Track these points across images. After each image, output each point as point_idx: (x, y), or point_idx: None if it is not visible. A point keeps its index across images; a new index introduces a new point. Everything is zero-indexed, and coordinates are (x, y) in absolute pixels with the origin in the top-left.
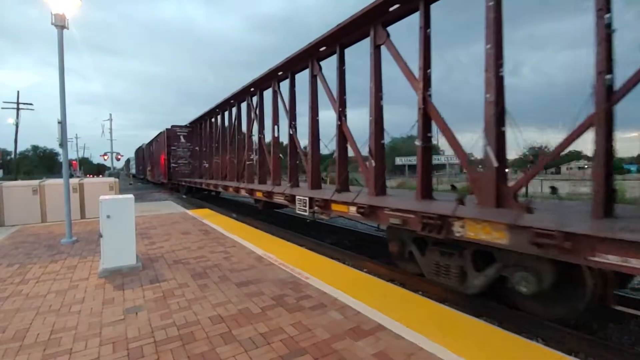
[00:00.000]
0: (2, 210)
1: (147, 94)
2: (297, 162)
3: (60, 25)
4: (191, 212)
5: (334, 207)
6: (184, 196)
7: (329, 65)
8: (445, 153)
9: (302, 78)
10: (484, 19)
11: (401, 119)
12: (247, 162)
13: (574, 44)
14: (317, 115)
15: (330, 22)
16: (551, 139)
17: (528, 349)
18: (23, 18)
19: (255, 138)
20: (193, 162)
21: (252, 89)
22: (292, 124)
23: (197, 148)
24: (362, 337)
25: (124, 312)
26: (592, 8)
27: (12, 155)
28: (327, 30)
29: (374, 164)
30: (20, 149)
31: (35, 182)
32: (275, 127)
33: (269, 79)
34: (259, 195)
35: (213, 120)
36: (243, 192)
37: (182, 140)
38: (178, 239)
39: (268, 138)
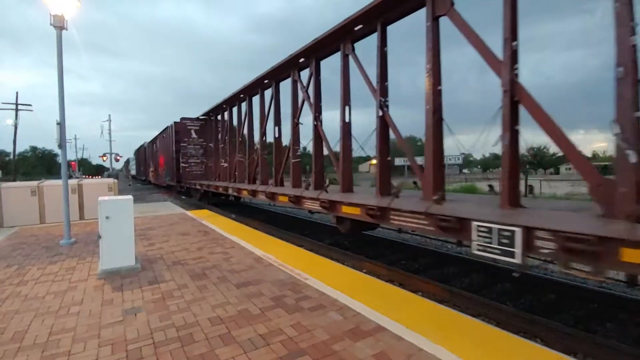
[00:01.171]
0: (1, 211)
1: (146, 95)
2: (388, 158)
3: (59, 26)
4: (190, 213)
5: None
6: (182, 197)
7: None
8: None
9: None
10: None
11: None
12: (293, 161)
13: (572, 45)
14: (439, 83)
15: (330, 21)
16: (548, 139)
17: (527, 349)
18: (22, 18)
19: (301, 127)
20: (207, 162)
21: (301, 60)
22: (384, 102)
23: (211, 144)
24: (362, 337)
25: (122, 313)
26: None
27: (11, 156)
28: (327, 28)
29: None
30: (19, 149)
31: (34, 183)
32: (347, 107)
33: (335, 41)
34: (351, 212)
35: (235, 109)
36: (310, 205)
37: (194, 135)
38: (177, 240)
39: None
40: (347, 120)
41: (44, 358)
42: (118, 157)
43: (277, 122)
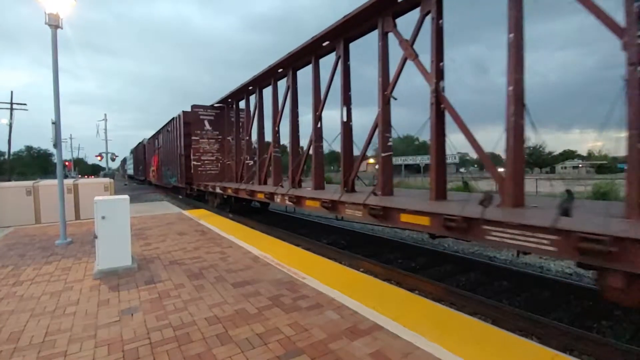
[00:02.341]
0: None
1: (142, 94)
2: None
3: (54, 24)
4: (187, 213)
5: None
6: (179, 196)
7: None
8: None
9: None
10: None
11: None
12: (384, 155)
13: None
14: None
15: (327, 20)
16: (546, 139)
17: (523, 347)
18: (17, 17)
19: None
20: (224, 159)
21: None
22: None
23: (230, 138)
24: (359, 336)
25: (119, 313)
26: None
27: (6, 156)
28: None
29: None
30: (13, 149)
31: (29, 182)
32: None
33: None
34: None
35: (269, 89)
36: (528, 242)
37: (208, 126)
38: (174, 240)
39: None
40: (520, 90)
41: (41, 358)
42: (114, 157)
43: (346, 100)
